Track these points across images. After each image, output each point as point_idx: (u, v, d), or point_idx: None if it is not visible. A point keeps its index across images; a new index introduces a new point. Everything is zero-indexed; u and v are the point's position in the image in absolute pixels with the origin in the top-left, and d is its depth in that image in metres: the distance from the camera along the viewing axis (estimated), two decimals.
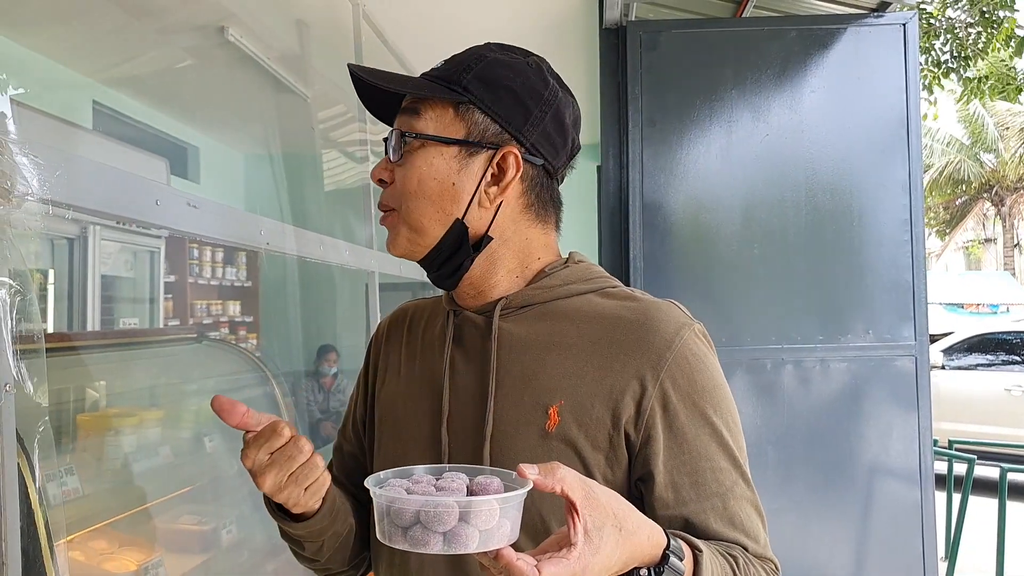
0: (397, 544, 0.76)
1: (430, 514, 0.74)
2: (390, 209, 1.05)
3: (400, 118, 1.04)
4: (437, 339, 1.10)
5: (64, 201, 1.02)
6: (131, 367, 2.40)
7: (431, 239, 1.03)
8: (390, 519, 0.76)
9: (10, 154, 0.88)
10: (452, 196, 1.01)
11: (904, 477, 3.04)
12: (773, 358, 3.06)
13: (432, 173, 1.01)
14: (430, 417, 1.05)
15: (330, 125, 4.85)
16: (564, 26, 3.97)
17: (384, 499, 0.76)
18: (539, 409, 0.98)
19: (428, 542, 0.74)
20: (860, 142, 3.10)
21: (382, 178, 1.04)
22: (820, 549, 3.04)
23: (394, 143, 1.02)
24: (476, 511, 0.74)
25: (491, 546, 0.74)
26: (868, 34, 3.12)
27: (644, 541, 0.80)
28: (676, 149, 3.12)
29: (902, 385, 3.05)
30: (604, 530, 0.76)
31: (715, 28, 3.24)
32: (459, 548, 0.74)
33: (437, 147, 1.01)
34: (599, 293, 1.06)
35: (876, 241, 3.07)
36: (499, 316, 1.04)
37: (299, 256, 2.28)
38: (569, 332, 1.02)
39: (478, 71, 1.01)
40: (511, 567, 0.73)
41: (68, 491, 1.69)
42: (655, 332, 0.98)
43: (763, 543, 0.99)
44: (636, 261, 3.09)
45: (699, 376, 0.98)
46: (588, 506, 0.76)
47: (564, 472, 0.75)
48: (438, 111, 1.01)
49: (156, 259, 5.05)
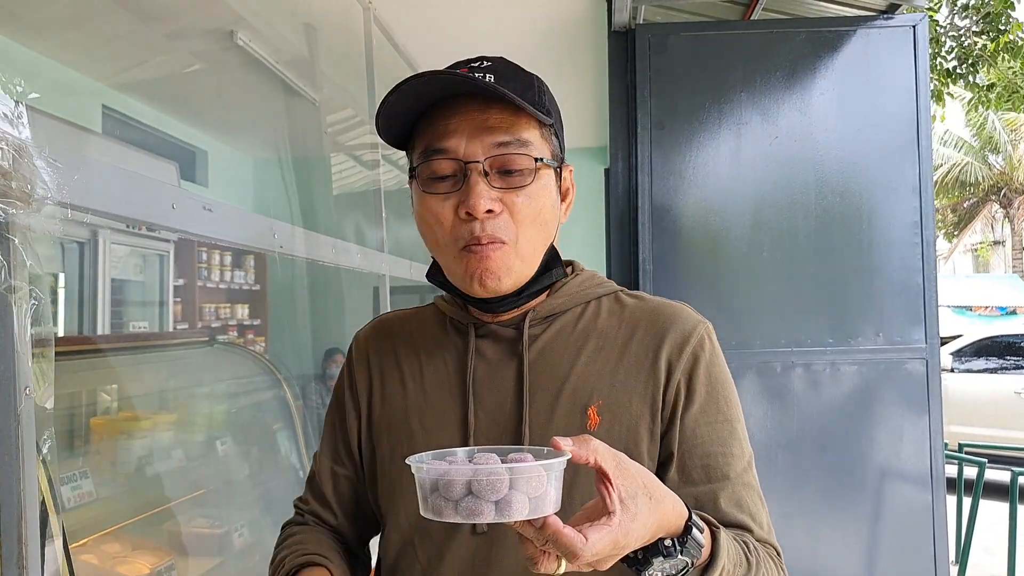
0: (448, 518, 0.75)
1: (482, 483, 0.73)
2: (500, 243, 0.97)
3: (497, 145, 0.96)
4: (447, 352, 1.08)
5: (82, 205, 1.02)
6: (144, 370, 2.40)
7: (532, 268, 1.01)
8: (439, 493, 0.75)
9: (30, 159, 0.89)
10: (555, 220, 1.03)
11: (915, 481, 3.03)
12: (783, 361, 3.05)
13: (549, 199, 1.00)
14: (457, 430, 1.04)
15: (339, 128, 4.86)
16: (573, 30, 3.98)
17: (434, 473, 0.76)
18: (577, 411, 1.01)
19: (481, 511, 0.73)
20: (870, 144, 3.09)
21: (492, 208, 0.95)
22: (830, 553, 3.03)
23: (520, 168, 0.96)
24: (526, 477, 0.74)
25: (540, 513, 0.74)
26: (878, 36, 3.12)
27: (670, 511, 0.82)
28: (685, 152, 3.12)
29: (913, 388, 3.04)
30: (637, 498, 0.78)
31: (724, 31, 3.24)
32: (511, 515, 0.73)
33: (547, 171, 1.00)
34: (613, 297, 1.10)
35: (886, 243, 3.06)
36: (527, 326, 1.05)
37: (309, 259, 2.29)
38: (594, 335, 1.05)
39: (547, 94, 1.03)
40: (559, 535, 0.73)
41: (82, 494, 1.70)
42: (675, 328, 1.04)
43: (767, 529, 1.02)
44: (645, 264, 3.08)
45: (714, 369, 1.03)
46: (620, 475, 0.77)
47: (596, 444, 0.77)
48: (534, 135, 0.98)
49: (165, 262, 5.07)
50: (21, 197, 0.86)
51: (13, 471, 0.92)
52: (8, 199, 0.85)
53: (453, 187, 0.97)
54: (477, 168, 0.95)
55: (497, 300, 1.01)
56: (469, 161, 0.95)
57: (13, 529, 0.91)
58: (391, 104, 0.97)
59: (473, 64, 1.00)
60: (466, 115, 0.96)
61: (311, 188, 4.61)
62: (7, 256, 0.87)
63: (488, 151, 0.95)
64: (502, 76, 0.97)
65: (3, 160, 0.84)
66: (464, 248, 0.97)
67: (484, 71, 0.97)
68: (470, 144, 0.95)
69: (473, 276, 0.97)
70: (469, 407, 1.03)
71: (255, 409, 2.59)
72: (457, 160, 0.96)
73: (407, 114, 0.99)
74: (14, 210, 0.86)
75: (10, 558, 0.91)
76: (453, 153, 0.96)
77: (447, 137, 0.96)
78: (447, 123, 0.96)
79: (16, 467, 0.92)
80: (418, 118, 1.00)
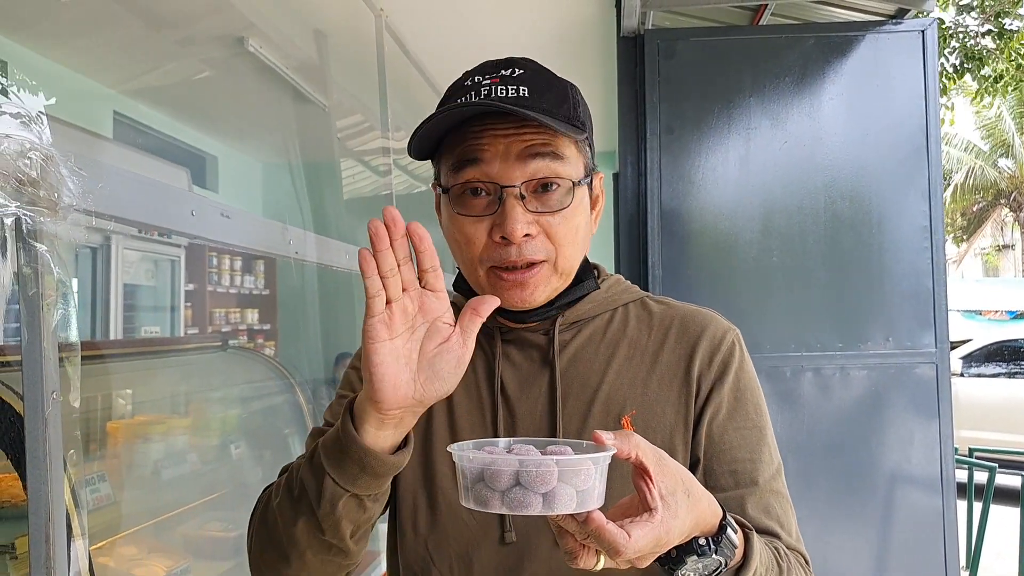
0: (493, 508, 0.73)
1: (532, 474, 0.72)
2: (538, 263, 0.96)
3: (532, 165, 0.93)
4: (475, 355, 1.04)
5: (105, 212, 1.04)
6: (159, 375, 2.42)
7: (568, 281, 1.01)
8: (485, 483, 0.73)
9: (56, 167, 0.90)
10: (589, 232, 1.02)
11: (925, 485, 3.02)
12: (792, 366, 3.05)
13: (584, 216, 0.99)
14: (484, 435, 1.02)
15: (349, 134, 4.88)
16: (582, 35, 3.99)
17: (480, 462, 0.74)
18: (610, 420, 1.00)
19: (529, 503, 0.72)
20: (879, 149, 3.09)
21: (529, 232, 0.93)
22: (841, 558, 3.02)
23: (558, 191, 0.94)
24: (575, 470, 0.72)
25: (586, 507, 0.73)
26: (887, 41, 3.12)
27: (706, 509, 0.81)
28: (694, 157, 3.13)
29: (923, 393, 3.04)
30: (677, 495, 0.77)
31: (733, 36, 3.25)
32: (559, 508, 0.72)
33: (582, 188, 0.98)
34: (640, 303, 1.10)
35: (896, 248, 3.07)
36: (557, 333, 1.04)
37: (320, 264, 2.30)
38: (624, 342, 1.05)
39: (582, 103, 1.00)
40: (602, 531, 0.72)
41: (100, 497, 1.71)
42: (706, 336, 1.04)
43: (795, 536, 1.01)
44: (655, 269, 3.09)
45: (743, 375, 1.03)
46: (661, 472, 0.76)
47: (638, 439, 0.76)
48: (570, 151, 0.96)
49: (177, 267, 5.10)
50: (48, 205, 0.88)
51: (41, 473, 0.94)
52: (36, 207, 0.87)
53: (487, 209, 0.94)
54: (513, 192, 0.92)
55: (528, 311, 1.01)
56: (505, 185, 0.92)
57: (41, 530, 0.92)
58: (424, 132, 0.94)
59: (504, 73, 0.96)
60: (499, 132, 0.93)
61: (321, 194, 4.62)
62: (34, 263, 0.89)
63: (525, 175, 0.93)
64: (535, 89, 0.95)
65: (32, 169, 0.86)
66: (497, 268, 0.96)
67: (516, 82, 0.95)
68: (505, 167, 0.93)
69: (505, 292, 0.96)
70: (499, 412, 1.02)
71: (268, 413, 2.61)
72: (492, 183, 0.93)
73: (436, 131, 0.96)
74: (42, 218, 0.88)
75: (38, 559, 0.92)
76: (487, 176, 0.93)
77: (481, 158, 0.93)
78: (480, 143, 0.93)
79: (44, 470, 0.94)
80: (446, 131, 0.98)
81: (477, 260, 0.97)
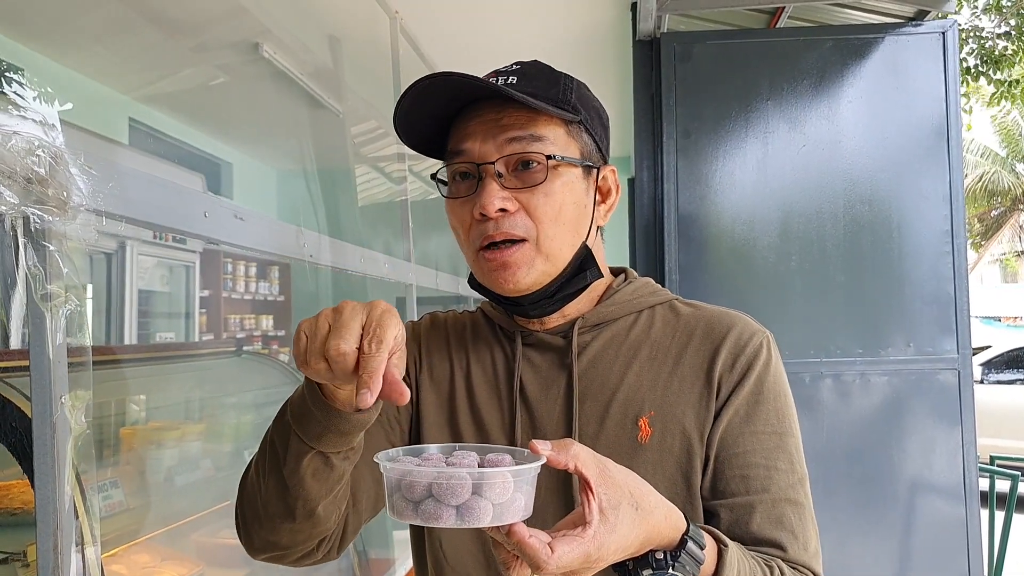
0: (408, 519, 0.73)
1: (443, 487, 0.71)
2: (518, 240, 0.96)
3: (510, 143, 0.95)
4: (496, 356, 1.07)
5: (116, 213, 1.02)
6: (173, 381, 2.41)
7: (559, 267, 0.99)
8: (401, 493, 0.74)
9: (65, 166, 0.89)
10: (584, 219, 1.01)
11: (948, 493, 2.97)
12: (812, 372, 3.01)
13: (572, 197, 0.98)
14: (502, 435, 1.02)
15: (364, 140, 4.88)
16: (598, 38, 3.98)
17: (395, 472, 0.74)
18: (627, 421, 0.99)
19: (440, 516, 0.72)
20: (899, 152, 3.06)
21: (504, 207, 0.95)
22: (861, 568, 2.98)
23: (538, 168, 0.95)
24: (489, 483, 0.72)
25: (505, 520, 0.72)
26: (906, 43, 3.09)
27: (662, 521, 0.79)
28: (711, 160, 3.10)
29: (944, 399, 3.00)
30: (620, 508, 0.75)
31: (749, 39, 3.22)
32: (472, 522, 0.71)
33: (569, 169, 0.98)
34: (668, 305, 1.09)
35: (916, 252, 3.03)
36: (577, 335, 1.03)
37: (335, 269, 2.29)
38: (647, 344, 1.03)
39: (577, 91, 1.01)
40: (523, 544, 0.71)
41: (113, 504, 1.70)
42: (731, 337, 1.01)
43: (811, 551, 0.98)
44: (672, 274, 3.07)
45: (767, 379, 1.00)
46: (603, 484, 0.75)
47: (578, 449, 0.75)
48: (555, 132, 0.97)
49: (192, 273, 5.10)
50: (57, 204, 0.87)
51: (48, 480, 0.92)
52: (45, 206, 0.85)
53: (470, 190, 0.97)
54: (489, 169, 0.95)
55: (531, 303, 1.00)
56: (482, 163, 0.95)
57: (49, 538, 0.91)
58: (406, 109, 0.97)
59: (501, 69, 1.00)
60: (483, 118, 0.96)
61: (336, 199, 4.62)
62: (43, 264, 0.87)
63: (501, 151, 0.95)
64: (525, 76, 0.98)
65: (40, 167, 0.84)
66: (481, 249, 0.97)
67: (508, 74, 0.98)
68: (484, 145, 0.95)
69: (491, 274, 0.97)
70: (516, 414, 1.02)
71: None
72: (472, 163, 0.96)
73: (430, 120, 0.99)
74: (51, 217, 0.86)
75: (46, 567, 0.90)
76: (468, 156, 0.96)
77: (464, 141, 0.97)
78: (466, 127, 0.97)
79: (51, 476, 0.92)
80: (449, 127, 1.01)
81: (467, 243, 0.99)
